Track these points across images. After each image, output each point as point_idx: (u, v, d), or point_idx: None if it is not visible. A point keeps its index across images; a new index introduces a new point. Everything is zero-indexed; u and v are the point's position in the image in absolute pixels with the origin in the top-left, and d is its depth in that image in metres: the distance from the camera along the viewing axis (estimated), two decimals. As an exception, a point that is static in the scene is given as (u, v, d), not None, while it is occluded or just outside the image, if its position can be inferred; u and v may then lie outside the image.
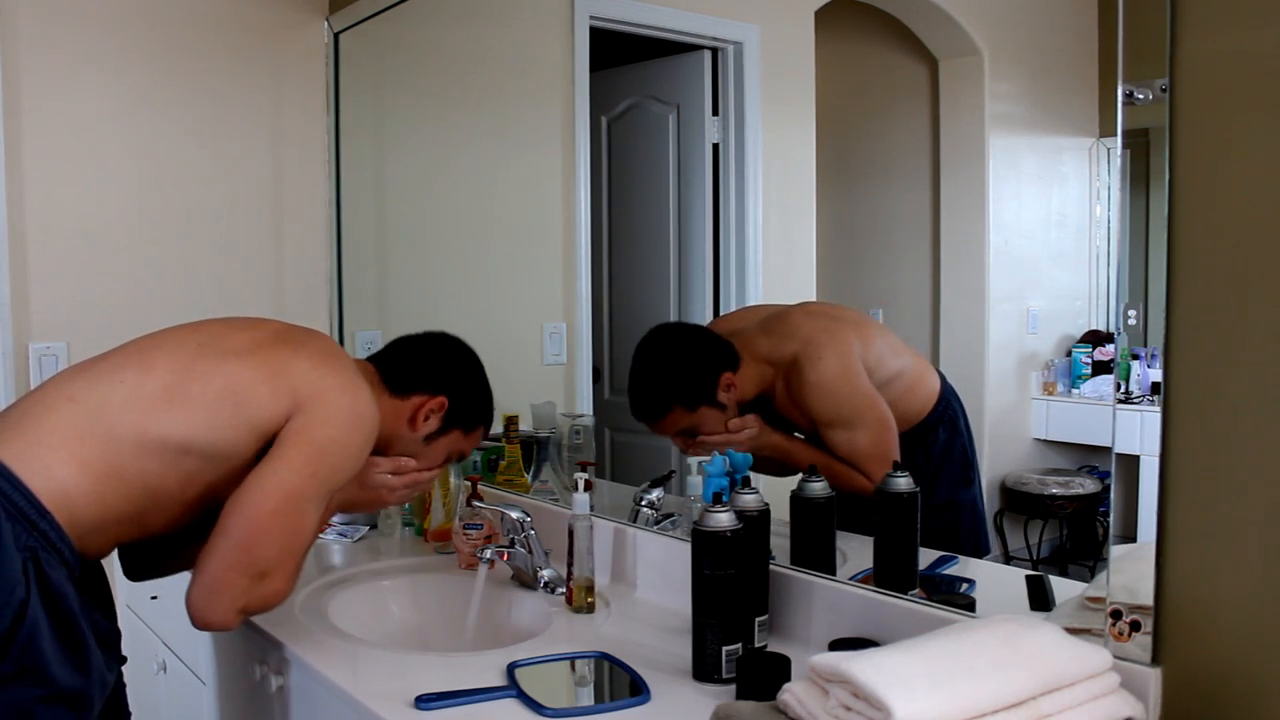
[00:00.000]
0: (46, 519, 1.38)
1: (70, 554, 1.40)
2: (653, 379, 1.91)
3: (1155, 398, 1.18)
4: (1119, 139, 1.21)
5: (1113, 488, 1.26)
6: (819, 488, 1.60)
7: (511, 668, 1.46)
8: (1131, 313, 1.22)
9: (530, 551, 1.86)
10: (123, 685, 1.61)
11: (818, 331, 1.79)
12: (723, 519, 1.44)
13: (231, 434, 1.49)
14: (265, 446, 1.51)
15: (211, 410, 1.49)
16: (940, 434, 1.65)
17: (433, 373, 1.74)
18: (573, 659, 1.55)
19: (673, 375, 1.87)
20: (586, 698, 1.55)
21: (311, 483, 1.49)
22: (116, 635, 1.53)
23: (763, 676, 1.29)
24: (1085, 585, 1.32)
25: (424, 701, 1.35)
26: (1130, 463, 1.22)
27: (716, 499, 1.49)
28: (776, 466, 1.79)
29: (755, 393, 1.79)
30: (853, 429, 1.70)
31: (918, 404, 1.67)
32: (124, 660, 1.56)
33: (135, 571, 1.70)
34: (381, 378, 1.71)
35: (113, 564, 1.63)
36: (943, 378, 1.66)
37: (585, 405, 2.34)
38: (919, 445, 1.64)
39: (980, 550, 1.64)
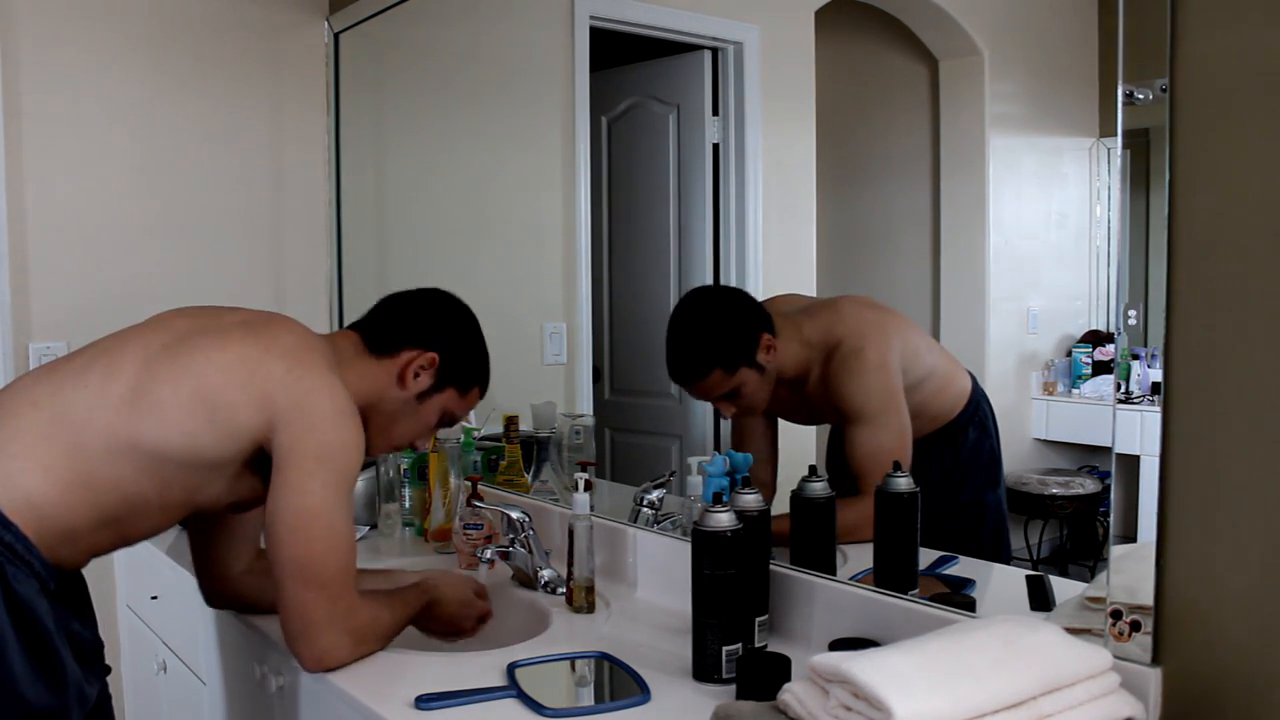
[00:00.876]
0: (11, 530, 1.34)
1: (41, 565, 1.36)
2: (691, 341, 1.84)
3: (1155, 398, 1.18)
4: (1119, 139, 1.21)
5: (1113, 488, 1.26)
6: (819, 488, 1.60)
7: (511, 668, 1.46)
8: (1131, 313, 1.22)
9: (530, 551, 1.86)
10: (108, 696, 1.56)
11: (864, 324, 1.78)
12: (723, 519, 1.44)
13: (207, 440, 1.45)
14: (246, 450, 1.48)
15: (185, 415, 1.44)
16: (970, 434, 1.64)
17: (423, 327, 1.63)
18: (573, 659, 1.55)
19: (711, 336, 1.81)
20: (586, 698, 1.55)
21: (328, 490, 1.45)
22: (98, 646, 1.50)
23: (763, 676, 1.29)
24: (1085, 585, 1.32)
25: (424, 701, 1.35)
26: (1130, 463, 1.22)
27: (716, 499, 1.49)
28: (807, 414, 1.78)
29: (793, 373, 1.77)
30: (877, 429, 1.69)
31: (949, 402, 1.66)
32: (108, 671, 1.53)
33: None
34: (365, 341, 1.62)
35: (97, 570, 1.61)
36: (974, 379, 1.65)
37: (585, 405, 2.34)
38: (949, 444, 1.63)
39: (1003, 553, 1.63)
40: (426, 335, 1.62)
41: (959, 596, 1.49)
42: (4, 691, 1.31)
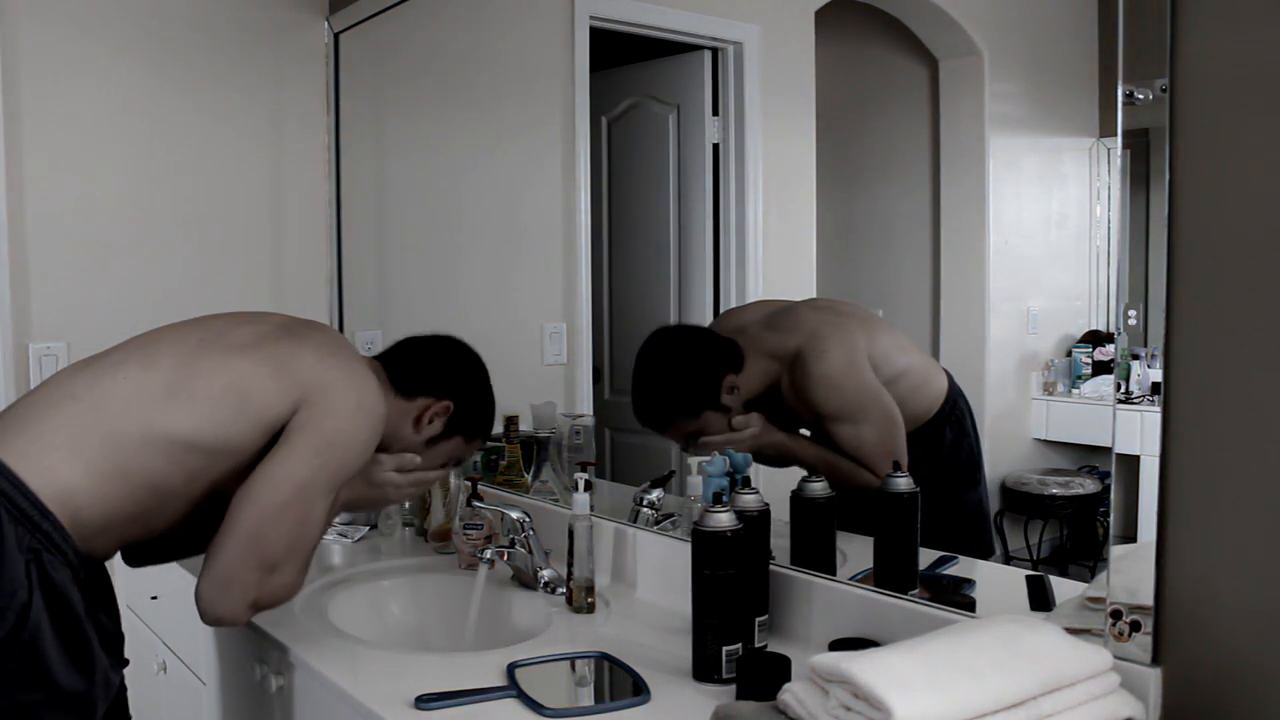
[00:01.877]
0: (49, 520, 1.37)
1: (75, 555, 1.39)
2: (653, 390, 1.91)
3: (1155, 398, 1.18)
4: (1119, 139, 1.21)
5: (1113, 488, 1.26)
6: (819, 488, 1.60)
7: (511, 668, 1.46)
8: (1131, 313, 1.22)
9: (530, 551, 1.86)
10: (125, 688, 1.59)
11: (822, 325, 1.79)
12: (723, 519, 1.44)
13: (236, 430, 1.48)
14: (270, 441, 1.50)
15: (216, 406, 1.48)
16: (947, 434, 1.65)
17: (440, 376, 1.72)
18: (573, 659, 1.55)
19: (673, 386, 1.87)
20: (586, 698, 1.55)
21: (321, 474, 1.48)
22: (120, 638, 1.52)
23: (763, 676, 1.29)
24: (1085, 585, 1.32)
25: (424, 701, 1.35)
26: (1130, 463, 1.22)
27: (716, 499, 1.49)
28: (779, 460, 1.78)
29: (762, 388, 1.79)
30: (858, 424, 1.69)
31: (925, 403, 1.67)
32: (126, 663, 1.55)
33: (134, 558, 1.69)
34: (389, 377, 1.69)
35: (116, 566, 1.62)
36: (950, 378, 1.66)
37: (585, 405, 2.34)
38: (925, 445, 1.63)
39: (985, 552, 1.63)
40: (443, 385, 1.71)
41: (959, 596, 1.49)
42: (39, 675, 1.34)
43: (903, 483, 1.53)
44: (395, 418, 1.67)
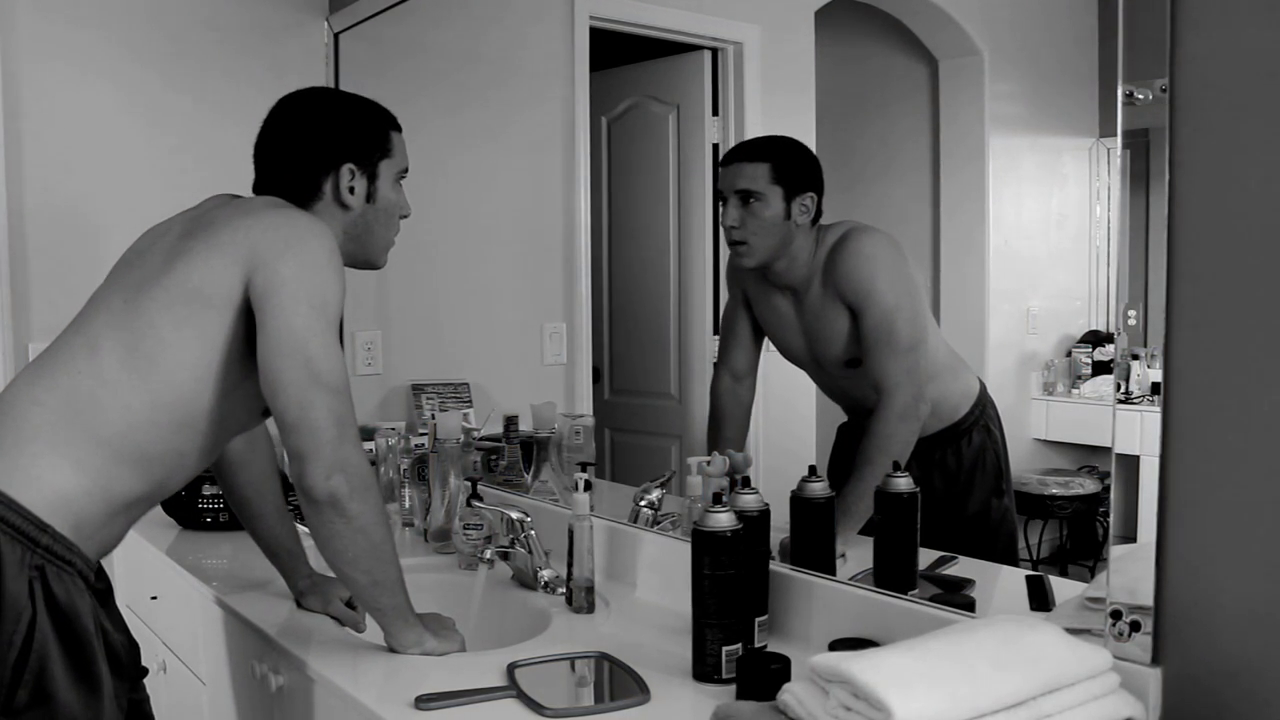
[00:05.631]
0: (48, 532, 1.35)
1: (83, 561, 1.38)
2: (786, 142, 1.85)
3: (1155, 398, 1.18)
4: (1119, 139, 1.21)
5: (1113, 488, 1.26)
6: (819, 488, 1.60)
7: (511, 668, 1.46)
8: (1131, 313, 1.22)
9: (530, 551, 1.86)
10: (143, 699, 1.57)
11: (879, 231, 1.76)
12: (723, 519, 1.44)
13: (210, 352, 1.43)
14: (246, 314, 1.44)
15: (177, 345, 1.42)
16: (974, 438, 1.63)
17: (315, 153, 1.59)
18: (573, 659, 1.55)
19: (791, 147, 1.81)
20: (586, 698, 1.55)
21: (314, 314, 1.40)
22: (134, 648, 1.51)
23: (763, 676, 1.29)
24: (1085, 585, 1.32)
25: (424, 701, 1.35)
26: (1130, 463, 1.22)
27: (716, 499, 1.49)
28: (799, 334, 1.78)
29: (795, 278, 1.76)
30: (890, 312, 1.66)
31: (954, 397, 1.65)
32: (145, 672, 1.53)
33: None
34: (292, 200, 1.58)
35: (112, 569, 1.63)
36: (982, 385, 1.64)
37: (585, 405, 2.34)
38: (950, 447, 1.62)
39: (1011, 563, 1.62)
40: (324, 155, 1.59)
41: (959, 596, 1.49)
42: (49, 700, 1.32)
43: (902, 483, 1.53)
44: (339, 218, 1.60)
